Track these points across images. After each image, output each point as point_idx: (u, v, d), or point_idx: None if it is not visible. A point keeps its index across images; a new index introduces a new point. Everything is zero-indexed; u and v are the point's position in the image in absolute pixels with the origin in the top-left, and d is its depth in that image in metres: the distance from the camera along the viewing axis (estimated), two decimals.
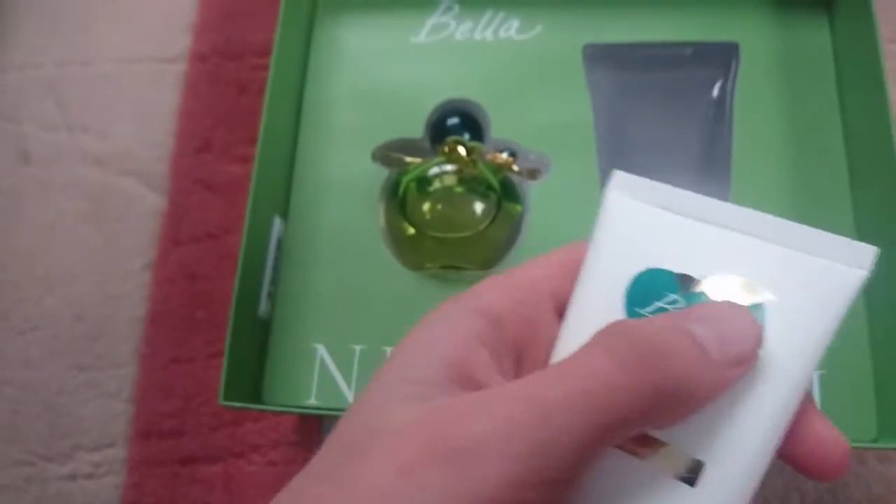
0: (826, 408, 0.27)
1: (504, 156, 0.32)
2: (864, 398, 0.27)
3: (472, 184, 0.31)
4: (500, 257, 0.31)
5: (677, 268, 0.16)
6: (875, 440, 0.27)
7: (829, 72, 0.32)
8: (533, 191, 0.32)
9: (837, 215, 0.30)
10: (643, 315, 0.16)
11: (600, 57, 0.33)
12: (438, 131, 0.33)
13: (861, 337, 0.28)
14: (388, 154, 0.33)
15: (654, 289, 0.16)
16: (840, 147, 0.31)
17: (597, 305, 0.17)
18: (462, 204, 0.31)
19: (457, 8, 0.35)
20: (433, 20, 0.35)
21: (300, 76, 0.35)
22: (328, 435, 0.15)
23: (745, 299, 0.16)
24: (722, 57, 0.33)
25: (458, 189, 0.31)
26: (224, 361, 0.27)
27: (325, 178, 0.33)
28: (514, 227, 0.31)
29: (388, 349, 0.30)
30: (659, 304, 0.16)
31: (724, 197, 0.31)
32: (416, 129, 0.33)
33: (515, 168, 0.32)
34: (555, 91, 0.33)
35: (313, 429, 0.34)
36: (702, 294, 0.16)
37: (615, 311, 0.16)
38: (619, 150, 0.33)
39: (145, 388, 0.34)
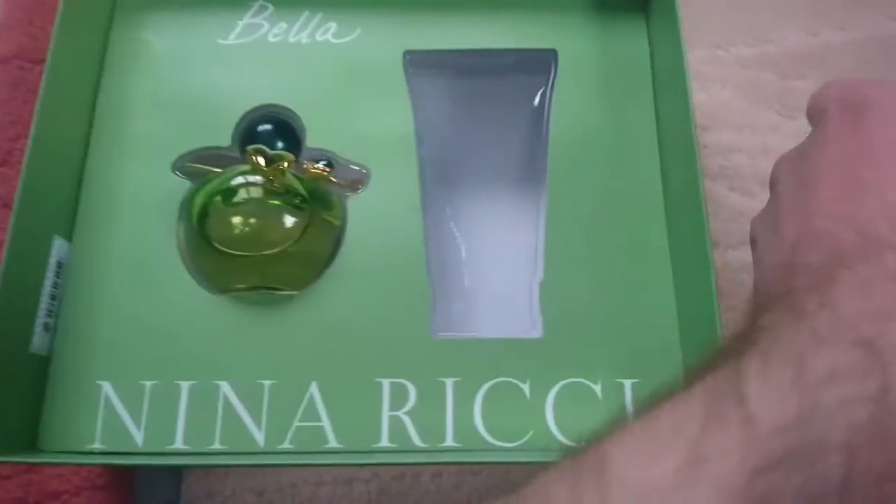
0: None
1: (321, 166, 0.30)
2: None
3: (283, 196, 0.29)
4: (316, 275, 0.29)
5: None
6: None
7: (645, 77, 0.32)
8: (351, 204, 0.30)
9: (650, 223, 0.30)
10: None
11: (421, 64, 0.32)
12: (248, 139, 0.30)
13: (673, 344, 0.28)
14: (191, 165, 0.30)
15: None
16: (654, 153, 0.31)
17: None
18: (272, 217, 0.29)
19: (271, 8, 0.33)
20: (245, 21, 0.32)
21: (93, 81, 0.31)
22: None
23: None
24: (542, 64, 0.32)
25: (272, 202, 0.29)
26: None
27: (120, 193, 0.30)
28: (332, 242, 0.29)
29: (183, 383, 0.27)
30: None
31: (539, 207, 0.31)
32: (225, 137, 0.31)
33: (333, 179, 0.30)
34: (375, 98, 0.31)
35: (123, 471, 0.31)
36: None
37: None
38: (441, 160, 0.31)
39: None
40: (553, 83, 0.32)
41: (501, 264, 0.30)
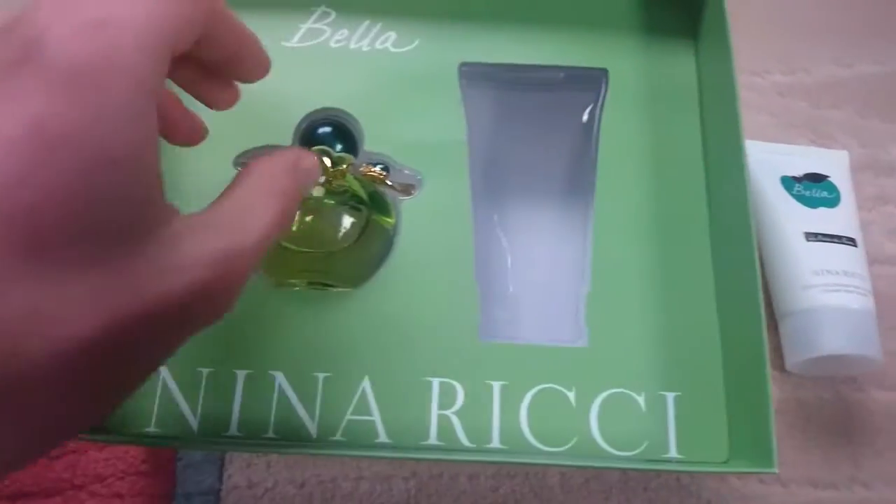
0: (680, 428, 0.28)
1: (377, 169, 0.31)
2: (717, 418, 0.28)
3: (342, 196, 0.30)
4: (369, 274, 0.30)
5: None
6: (726, 462, 0.27)
7: (692, 98, 0.33)
8: (404, 208, 0.31)
9: (695, 241, 0.31)
10: None
11: (476, 76, 0.33)
12: (308, 140, 0.31)
13: (714, 359, 0.29)
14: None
15: None
16: (700, 173, 0.32)
17: None
18: (330, 217, 0.29)
19: (333, 15, 0.34)
20: (308, 25, 0.33)
21: None
22: None
23: None
24: (592, 82, 0.33)
25: (328, 201, 0.30)
26: None
27: (182, 186, 0.30)
28: (385, 243, 0.30)
29: (240, 372, 0.28)
30: None
31: (586, 219, 0.32)
32: (285, 137, 0.31)
33: (388, 182, 0.31)
34: (429, 107, 0.32)
35: (166, 458, 0.31)
36: None
37: None
38: (491, 169, 0.32)
39: None
40: (603, 101, 0.33)
41: (547, 273, 0.31)
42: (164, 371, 0.27)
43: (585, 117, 0.33)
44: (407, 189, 0.31)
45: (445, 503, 0.31)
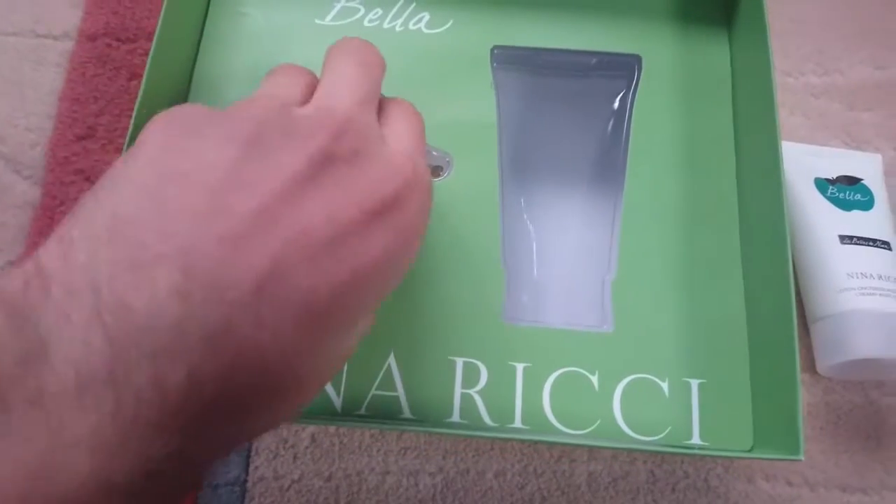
0: (703, 416, 0.27)
1: None
2: (741, 407, 0.27)
3: None
4: None
5: None
6: (750, 450, 0.27)
7: (725, 88, 0.33)
8: (434, 188, 0.31)
9: (723, 229, 0.30)
10: None
11: (508, 59, 0.33)
12: None
13: (741, 348, 0.28)
14: None
15: None
16: (731, 162, 0.31)
17: None
18: None
19: None
20: (342, 3, 0.34)
21: (192, 52, 0.32)
22: None
23: None
24: (625, 68, 0.33)
25: None
26: None
27: None
28: None
29: None
30: None
31: (615, 207, 0.31)
32: None
33: None
34: (461, 89, 0.32)
35: None
36: None
37: None
38: (519, 152, 0.32)
39: None
40: (636, 88, 0.33)
41: (573, 259, 0.31)
42: None
43: (617, 104, 0.33)
44: (436, 171, 0.31)
45: (472, 500, 0.30)
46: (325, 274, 0.16)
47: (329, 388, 0.27)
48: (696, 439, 0.27)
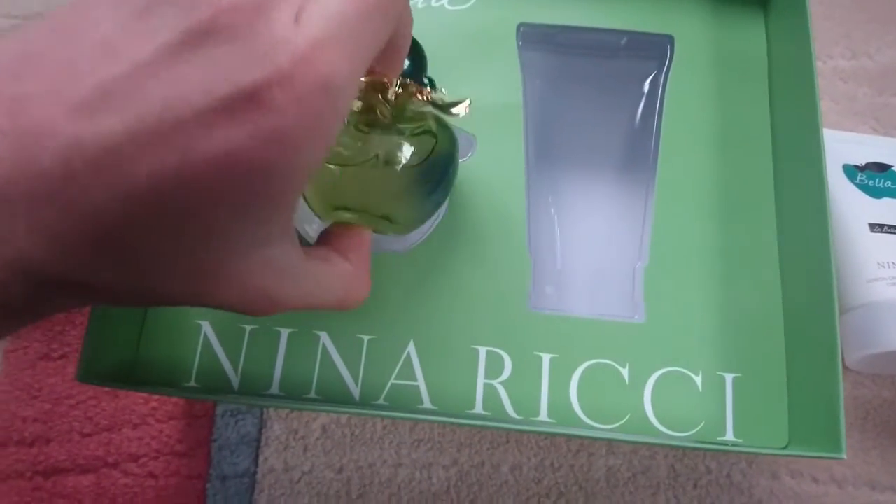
0: (737, 411, 0.26)
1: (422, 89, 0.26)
2: (777, 403, 0.27)
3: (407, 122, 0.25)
4: (426, 216, 0.27)
5: None
6: (786, 447, 0.26)
7: (761, 72, 0.31)
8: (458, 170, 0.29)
9: (760, 218, 0.29)
10: None
11: (534, 37, 0.32)
12: None
13: (777, 342, 0.27)
14: None
15: None
16: (767, 147, 0.30)
17: None
18: (392, 142, 0.24)
19: None
20: None
21: None
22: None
23: None
24: (656, 49, 0.32)
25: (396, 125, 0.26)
26: (85, 335, 0.23)
27: None
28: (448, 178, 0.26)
29: (283, 330, 0.26)
30: None
31: (646, 193, 0.30)
32: None
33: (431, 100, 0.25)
34: (486, 67, 0.31)
35: (201, 439, 0.30)
36: None
37: None
38: (545, 134, 0.31)
39: (7, 390, 0.30)
40: (668, 69, 0.31)
41: (602, 247, 0.30)
42: (205, 325, 0.27)
43: (647, 86, 0.32)
44: (462, 151, 0.29)
45: (486, 493, 0.30)
46: (158, 162, 0.14)
47: (347, 375, 0.26)
48: (729, 436, 0.26)
